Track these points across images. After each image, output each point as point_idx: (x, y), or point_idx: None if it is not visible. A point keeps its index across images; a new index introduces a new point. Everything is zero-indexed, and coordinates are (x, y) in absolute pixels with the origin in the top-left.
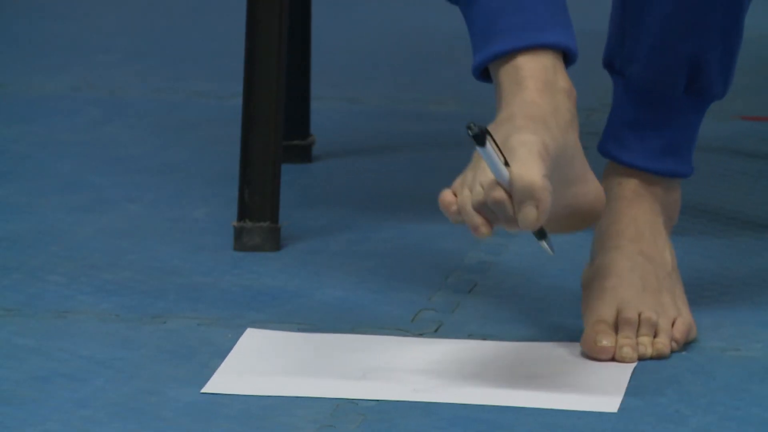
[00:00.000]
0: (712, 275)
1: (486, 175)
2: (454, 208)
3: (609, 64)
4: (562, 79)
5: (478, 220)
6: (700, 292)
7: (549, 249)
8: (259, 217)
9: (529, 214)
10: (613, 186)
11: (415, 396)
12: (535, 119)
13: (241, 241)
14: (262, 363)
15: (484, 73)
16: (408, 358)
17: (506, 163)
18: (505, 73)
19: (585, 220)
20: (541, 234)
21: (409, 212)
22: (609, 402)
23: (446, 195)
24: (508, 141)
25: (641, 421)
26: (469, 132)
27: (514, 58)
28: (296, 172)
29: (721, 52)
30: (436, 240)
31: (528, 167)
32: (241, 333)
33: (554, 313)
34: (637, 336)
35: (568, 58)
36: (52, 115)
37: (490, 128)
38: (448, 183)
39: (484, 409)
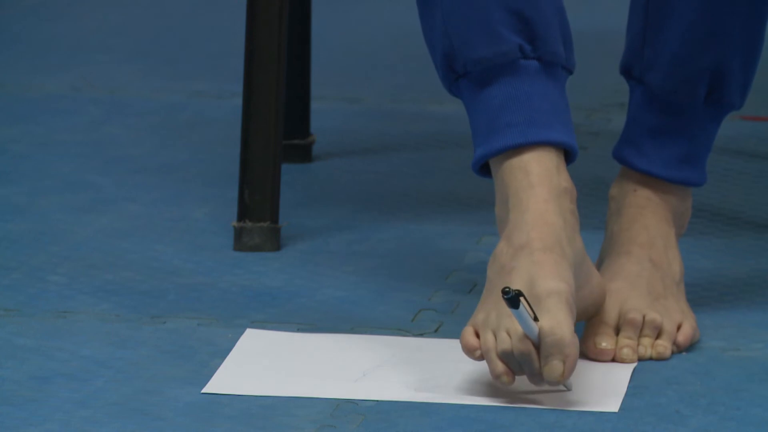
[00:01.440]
0: (712, 275)
1: (513, 324)
2: (478, 353)
3: (627, 71)
4: (564, 179)
5: (501, 369)
6: (700, 292)
7: (568, 387)
8: (259, 217)
9: (556, 369)
10: (627, 192)
11: (415, 396)
12: (552, 248)
13: (241, 241)
14: (262, 363)
15: (484, 168)
16: (408, 358)
17: (535, 318)
18: (510, 172)
19: (591, 314)
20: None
21: (409, 212)
22: (609, 402)
23: (470, 338)
24: (535, 288)
25: (641, 421)
26: (504, 296)
27: (520, 155)
28: (296, 172)
29: (741, 62)
30: (436, 240)
31: (558, 321)
32: (241, 333)
33: None
34: (639, 337)
35: (569, 156)
36: (52, 115)
37: (501, 249)
38: (448, 183)
39: (484, 409)
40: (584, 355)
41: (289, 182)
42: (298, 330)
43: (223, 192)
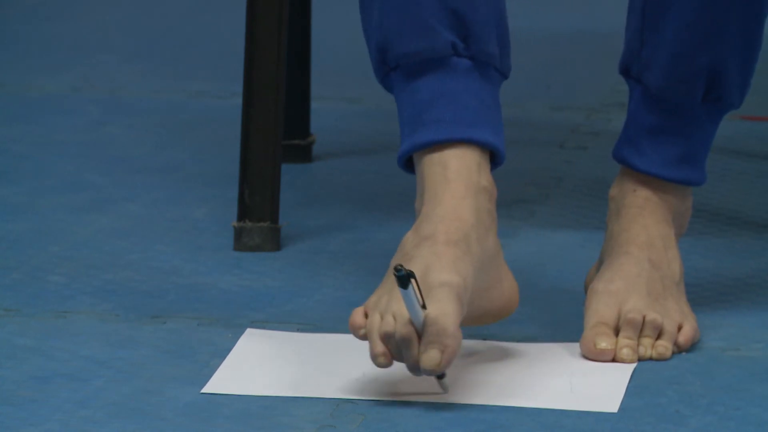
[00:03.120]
0: (712, 275)
1: (401, 309)
2: (362, 332)
3: (626, 71)
4: (485, 178)
5: (380, 349)
6: (700, 292)
7: (446, 388)
8: (259, 217)
9: (434, 358)
10: (627, 193)
11: (415, 396)
12: (458, 242)
13: (241, 241)
14: (262, 363)
15: (408, 163)
16: None
17: (424, 305)
18: (430, 167)
19: (499, 316)
20: (440, 375)
21: (409, 212)
22: (609, 402)
23: (357, 317)
24: (428, 277)
25: (641, 421)
26: (396, 273)
27: (441, 151)
28: (296, 172)
29: (739, 61)
30: None
31: (443, 312)
32: (241, 333)
33: (554, 313)
34: (639, 337)
35: (495, 158)
36: (52, 115)
37: (408, 238)
38: None
39: (484, 409)
40: (584, 355)
41: (289, 182)
42: (298, 330)
43: (223, 192)
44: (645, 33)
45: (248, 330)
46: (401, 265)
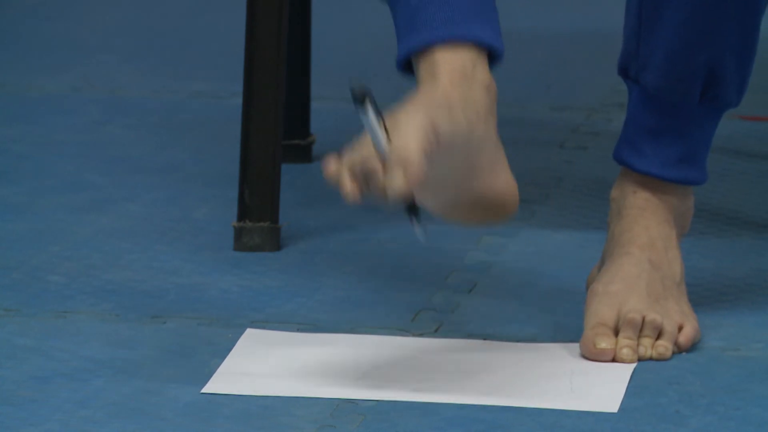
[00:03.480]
0: (712, 275)
1: (368, 143)
2: (332, 168)
3: (624, 71)
4: (481, 72)
5: (348, 185)
6: (700, 292)
7: (421, 233)
8: (259, 217)
9: (397, 180)
10: (627, 194)
11: (415, 396)
12: (438, 105)
13: (241, 241)
14: (262, 363)
15: (408, 68)
16: (408, 358)
17: (386, 131)
18: (424, 66)
19: (494, 212)
20: (412, 210)
21: None
22: (609, 402)
23: (330, 158)
24: (397, 114)
25: (641, 421)
26: (351, 93)
27: (433, 52)
28: (296, 172)
29: (736, 60)
30: (436, 240)
31: (407, 142)
32: (241, 333)
33: (554, 313)
34: (639, 337)
35: (493, 57)
36: (52, 115)
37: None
38: None
39: (484, 409)
40: (584, 356)
41: (289, 182)
42: (298, 330)
43: (223, 192)
44: (642, 33)
45: (248, 330)
46: (358, 81)
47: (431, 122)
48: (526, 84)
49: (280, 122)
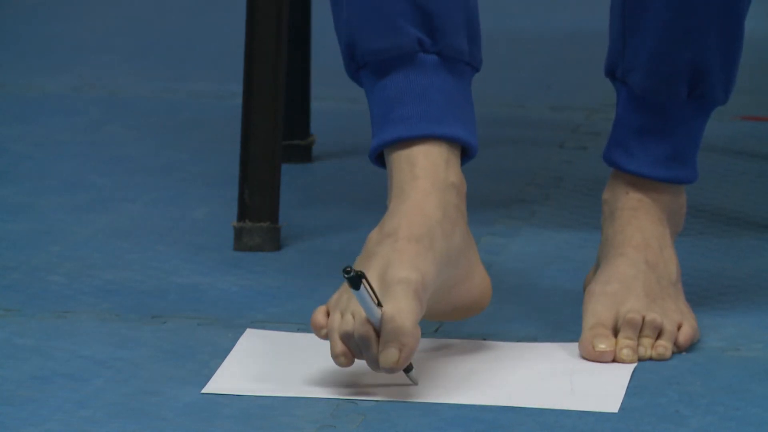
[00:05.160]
0: (712, 275)
1: (360, 307)
2: (323, 332)
3: (611, 73)
4: (453, 174)
5: (340, 349)
6: (700, 292)
7: (415, 381)
8: (259, 217)
9: (392, 356)
10: (619, 195)
11: (415, 396)
12: (420, 238)
13: (241, 241)
14: (262, 363)
15: (379, 159)
16: None
17: (379, 303)
18: (398, 164)
19: (471, 311)
20: (406, 368)
21: None
22: (609, 402)
23: (318, 315)
24: (387, 274)
25: (641, 421)
26: (345, 275)
27: (408, 148)
28: (296, 172)
29: (721, 57)
30: None
31: (400, 309)
32: (241, 333)
33: (554, 313)
34: (639, 337)
35: (466, 154)
36: (52, 115)
37: (372, 235)
38: None
39: (484, 409)
40: (584, 357)
41: (289, 182)
42: (298, 330)
43: (223, 192)
44: (626, 34)
45: (248, 330)
46: (350, 267)
47: (421, 281)
48: (526, 84)
49: (280, 122)
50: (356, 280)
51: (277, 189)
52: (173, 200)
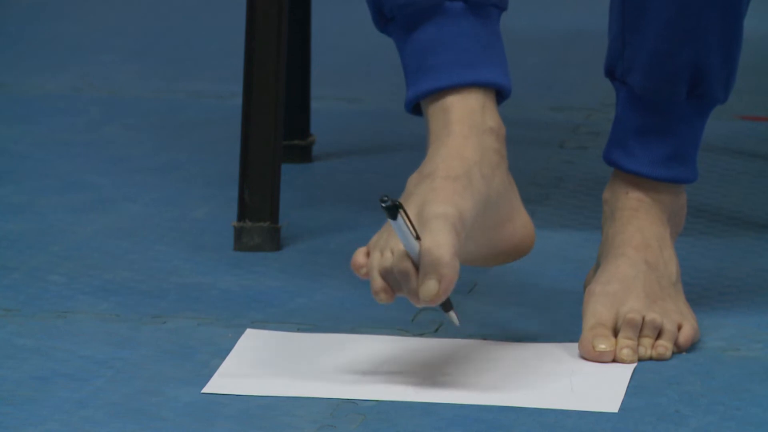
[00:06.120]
0: (712, 275)
1: (398, 243)
2: (363, 271)
3: (610, 73)
4: (490, 118)
5: (380, 285)
6: (700, 292)
7: (455, 320)
8: (259, 217)
9: (431, 289)
10: (619, 195)
11: (415, 396)
12: (458, 177)
13: (241, 241)
14: (262, 363)
15: (416, 109)
16: (408, 358)
17: (417, 237)
18: (434, 113)
19: (514, 255)
20: (446, 306)
21: None
22: (609, 402)
23: (358, 256)
24: (424, 210)
25: (641, 421)
26: (382, 204)
27: (444, 97)
28: (296, 172)
29: (721, 56)
30: None
31: (438, 242)
32: (241, 333)
33: (554, 313)
34: (639, 337)
35: (501, 95)
36: (52, 115)
37: (412, 178)
38: None
39: (484, 409)
40: (584, 357)
41: (289, 182)
42: (298, 330)
43: (223, 192)
44: (626, 34)
45: (248, 330)
46: (387, 196)
47: (458, 215)
48: (526, 84)
49: (280, 122)
50: (393, 209)
51: (277, 189)
52: (173, 200)
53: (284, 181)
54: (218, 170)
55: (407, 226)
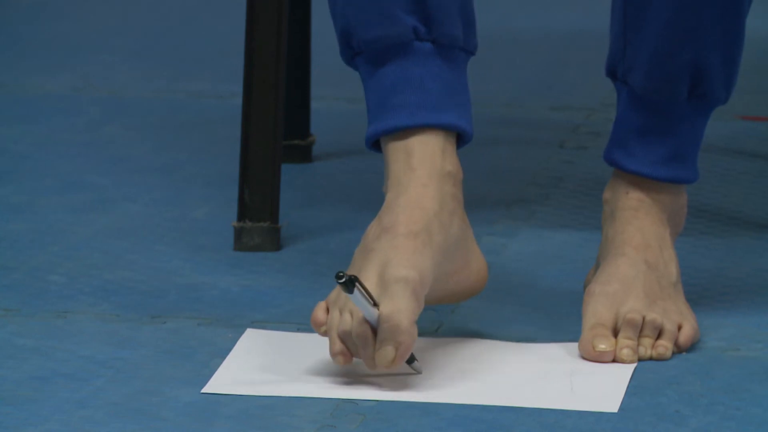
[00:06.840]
0: (712, 275)
1: (357, 310)
2: (323, 329)
3: (611, 73)
4: (450, 162)
5: (338, 348)
6: (700, 292)
7: (417, 370)
8: (259, 217)
9: (388, 355)
10: (620, 195)
11: (415, 396)
12: (418, 234)
13: (241, 241)
14: (262, 363)
15: (376, 144)
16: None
17: (375, 304)
18: (394, 153)
19: (468, 295)
20: (408, 359)
21: None
22: (609, 402)
23: (318, 312)
24: (386, 273)
25: (641, 421)
26: (338, 281)
27: (405, 138)
28: (296, 172)
29: (722, 57)
30: None
31: (398, 308)
32: (241, 333)
33: (554, 313)
34: (639, 337)
35: (462, 138)
36: (52, 115)
37: (371, 228)
38: None
39: (484, 409)
40: (584, 357)
41: (289, 182)
42: (298, 330)
43: (223, 192)
44: (627, 34)
45: (248, 330)
46: (342, 272)
47: (419, 279)
48: (526, 84)
49: (280, 122)
50: (349, 284)
51: (277, 189)
52: (173, 200)
53: (284, 181)
54: (218, 170)
55: (364, 296)
